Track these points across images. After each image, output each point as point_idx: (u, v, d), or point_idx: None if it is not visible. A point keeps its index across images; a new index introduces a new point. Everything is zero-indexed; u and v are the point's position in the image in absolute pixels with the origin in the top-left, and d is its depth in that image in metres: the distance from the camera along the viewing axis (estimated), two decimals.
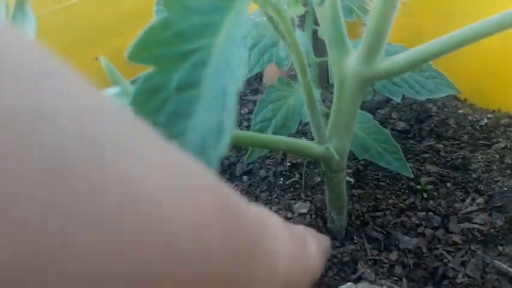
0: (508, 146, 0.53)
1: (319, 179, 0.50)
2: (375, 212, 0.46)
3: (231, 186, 0.51)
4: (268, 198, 0.49)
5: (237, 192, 0.51)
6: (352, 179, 0.48)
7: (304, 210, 0.46)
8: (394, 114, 0.60)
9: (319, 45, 0.47)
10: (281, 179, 0.51)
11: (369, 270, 0.39)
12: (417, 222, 0.44)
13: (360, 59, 0.29)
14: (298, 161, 0.53)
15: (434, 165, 0.51)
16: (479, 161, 0.51)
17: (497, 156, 0.51)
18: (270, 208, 0.47)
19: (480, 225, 0.43)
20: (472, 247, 0.41)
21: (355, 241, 0.42)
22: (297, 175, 0.51)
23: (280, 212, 0.46)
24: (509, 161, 0.50)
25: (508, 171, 0.49)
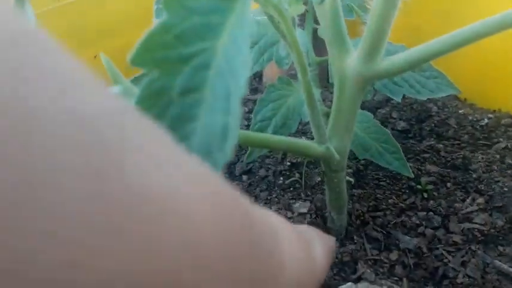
0: (509, 146, 0.53)
1: (319, 179, 0.50)
2: (375, 211, 0.45)
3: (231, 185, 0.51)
4: (268, 197, 0.49)
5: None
6: (352, 179, 0.48)
7: (304, 210, 0.46)
8: (394, 114, 0.60)
9: (319, 44, 0.47)
10: (281, 178, 0.51)
11: (369, 270, 0.39)
12: (417, 222, 0.44)
13: (360, 58, 0.29)
14: (298, 160, 0.53)
15: (435, 165, 0.51)
16: (480, 161, 0.51)
17: (498, 156, 0.51)
18: (269, 208, 0.47)
19: (480, 225, 0.43)
20: (473, 247, 0.41)
21: (355, 241, 0.42)
22: (297, 174, 0.51)
23: (280, 211, 0.46)
24: (510, 161, 0.50)
25: (509, 172, 0.49)
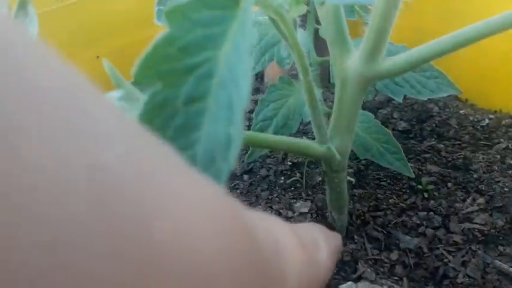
0: (509, 146, 0.53)
1: (320, 179, 0.50)
2: (376, 211, 0.46)
3: (232, 185, 0.51)
4: (269, 197, 0.49)
5: (240, 192, 0.50)
6: (353, 179, 0.48)
7: (305, 210, 0.46)
8: (395, 114, 0.60)
9: (320, 45, 0.47)
10: (282, 178, 0.51)
11: (369, 270, 0.39)
12: (418, 222, 0.44)
13: (362, 59, 0.29)
14: (299, 160, 0.53)
15: (436, 165, 0.51)
16: (480, 162, 0.51)
17: (498, 156, 0.51)
18: (270, 207, 0.47)
19: (481, 225, 0.43)
20: (473, 247, 0.41)
21: (356, 240, 0.43)
22: (298, 174, 0.51)
23: (281, 211, 0.46)
24: (510, 162, 0.50)
25: (509, 172, 0.49)
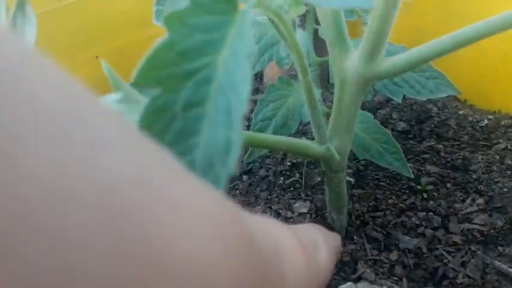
0: (509, 147, 0.53)
1: (319, 179, 0.50)
2: (375, 212, 0.46)
3: (231, 185, 0.51)
4: (268, 197, 0.49)
5: (239, 193, 0.50)
6: (352, 179, 0.48)
7: (304, 210, 0.46)
8: (394, 115, 0.60)
9: (320, 45, 0.47)
10: (281, 178, 0.51)
11: (368, 270, 0.39)
12: (417, 222, 0.44)
13: (361, 59, 0.29)
14: (299, 160, 0.53)
15: (435, 165, 0.51)
16: (480, 162, 0.51)
17: (498, 157, 0.51)
18: (269, 207, 0.47)
19: (480, 225, 0.43)
20: (472, 247, 0.41)
21: (355, 241, 0.42)
22: (297, 175, 0.51)
23: (280, 211, 0.46)
24: (510, 162, 0.50)
25: (508, 172, 0.49)
